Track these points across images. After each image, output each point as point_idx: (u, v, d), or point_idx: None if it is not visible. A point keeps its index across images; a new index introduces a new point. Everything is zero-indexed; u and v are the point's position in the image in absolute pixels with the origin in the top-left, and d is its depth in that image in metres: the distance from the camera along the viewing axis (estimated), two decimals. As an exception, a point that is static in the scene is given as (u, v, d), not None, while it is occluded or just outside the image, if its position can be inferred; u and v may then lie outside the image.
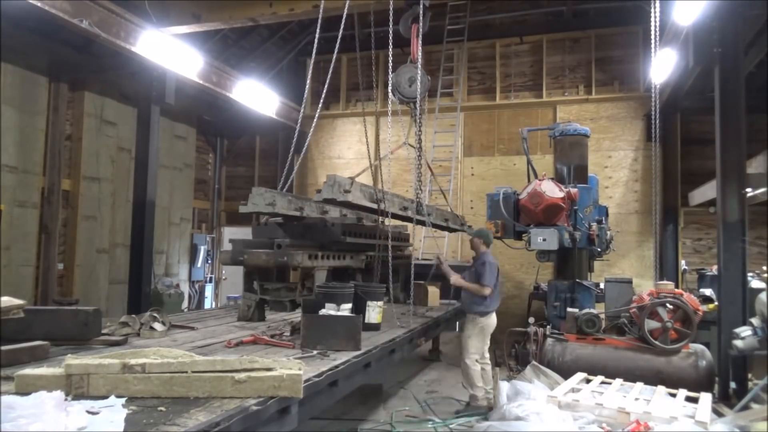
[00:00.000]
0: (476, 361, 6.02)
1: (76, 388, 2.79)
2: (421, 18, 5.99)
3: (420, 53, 6.09)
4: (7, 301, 3.48)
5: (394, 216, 6.13)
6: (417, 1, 5.99)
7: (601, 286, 8.00)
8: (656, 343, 5.62)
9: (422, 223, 6.29)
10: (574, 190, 7.82)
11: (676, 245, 10.54)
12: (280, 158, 13.24)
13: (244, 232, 7.62)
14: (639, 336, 5.84)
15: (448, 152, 11.55)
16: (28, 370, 2.90)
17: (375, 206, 5.44)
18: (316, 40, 5.88)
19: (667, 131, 10.47)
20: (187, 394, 2.84)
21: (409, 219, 6.37)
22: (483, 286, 5.91)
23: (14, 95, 8.42)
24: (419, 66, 5.93)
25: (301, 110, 5.92)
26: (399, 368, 7.14)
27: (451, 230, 8.89)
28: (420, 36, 6.05)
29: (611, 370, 5.45)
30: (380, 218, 5.87)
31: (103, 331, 4.48)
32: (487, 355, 6.19)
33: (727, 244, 6.03)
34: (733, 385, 5.74)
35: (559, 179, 8.21)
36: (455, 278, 6.14)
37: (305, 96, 6.65)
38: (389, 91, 6.19)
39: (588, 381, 5.23)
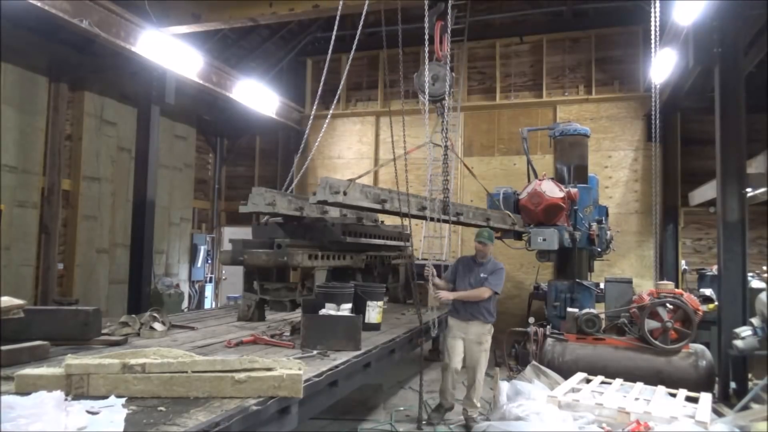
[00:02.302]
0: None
1: (76, 388, 2.79)
2: (448, 14, 5.90)
3: (448, 50, 5.94)
4: (7, 301, 3.47)
5: (413, 216, 5.87)
6: None
7: (601, 286, 8.00)
8: (656, 343, 5.62)
9: (446, 221, 6.14)
10: (574, 190, 7.82)
11: (676, 245, 10.55)
12: (280, 158, 13.25)
13: (244, 232, 7.61)
14: (639, 336, 5.83)
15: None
16: (28, 370, 2.90)
17: (379, 207, 5.25)
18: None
19: (667, 131, 10.47)
20: (187, 394, 2.84)
21: (431, 219, 5.98)
22: (485, 290, 5.45)
23: (14, 95, 8.41)
24: (447, 63, 5.78)
25: (312, 111, 5.87)
26: (399, 368, 7.13)
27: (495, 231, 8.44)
28: (448, 33, 5.95)
29: (611, 370, 5.45)
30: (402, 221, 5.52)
31: (103, 331, 4.48)
32: None
33: (727, 244, 6.03)
34: (733, 385, 5.74)
35: (559, 179, 8.21)
36: (445, 295, 5.51)
37: (316, 96, 6.56)
38: (417, 90, 5.92)
39: (588, 381, 5.22)
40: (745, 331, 5.31)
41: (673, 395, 4.79)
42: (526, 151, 8.86)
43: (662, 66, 8.19)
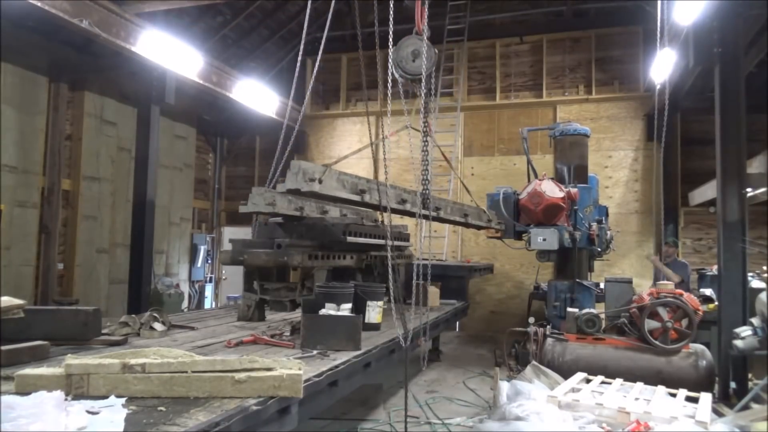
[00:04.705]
0: None
1: (76, 388, 2.79)
2: None
3: (425, 24, 5.40)
4: (7, 301, 3.47)
5: (393, 211, 5.66)
6: None
7: (601, 286, 8.00)
8: (656, 343, 5.62)
9: (426, 217, 5.90)
10: (574, 190, 7.82)
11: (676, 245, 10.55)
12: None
13: (244, 232, 7.61)
14: (639, 336, 5.83)
15: (448, 152, 11.52)
16: (28, 370, 2.89)
17: (357, 198, 4.72)
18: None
19: (668, 131, 10.42)
20: (187, 394, 2.84)
21: (410, 213, 5.75)
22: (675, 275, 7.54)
23: (14, 95, 8.42)
24: (425, 38, 5.08)
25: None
26: (399, 368, 7.13)
27: (471, 227, 7.98)
28: (426, 5, 5.45)
29: (611, 370, 5.45)
30: (381, 215, 5.13)
31: (103, 331, 4.47)
32: None
33: (727, 244, 6.03)
34: (733, 385, 5.74)
35: (559, 179, 8.21)
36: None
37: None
38: (390, 68, 5.00)
39: (588, 381, 5.22)
40: (745, 331, 5.30)
41: (673, 395, 4.79)
42: (526, 151, 8.86)
43: (662, 66, 8.19)
